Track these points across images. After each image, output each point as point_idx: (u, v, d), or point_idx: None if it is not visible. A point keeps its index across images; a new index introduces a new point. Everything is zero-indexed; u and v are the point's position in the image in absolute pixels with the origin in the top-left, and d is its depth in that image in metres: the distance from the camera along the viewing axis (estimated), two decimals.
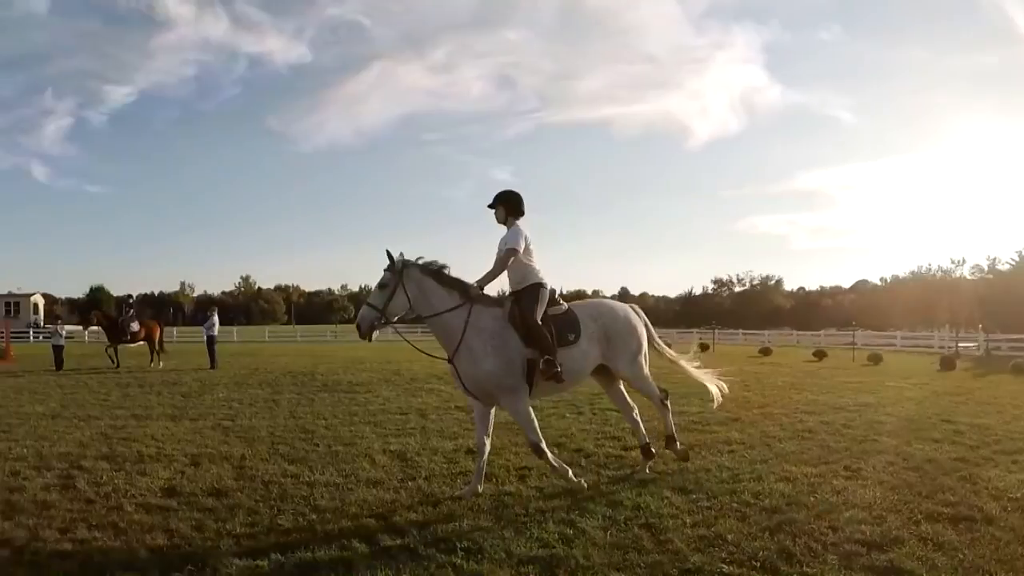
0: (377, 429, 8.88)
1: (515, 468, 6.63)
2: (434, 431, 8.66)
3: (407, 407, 10.95)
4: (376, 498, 5.63)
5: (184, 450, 7.64)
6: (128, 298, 22.61)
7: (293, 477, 6.37)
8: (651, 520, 4.91)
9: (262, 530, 4.84)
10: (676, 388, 13.79)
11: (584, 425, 9.19)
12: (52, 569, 4.11)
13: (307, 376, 17.07)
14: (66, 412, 10.77)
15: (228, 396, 12.86)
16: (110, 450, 7.66)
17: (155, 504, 5.49)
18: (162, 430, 8.98)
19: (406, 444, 7.84)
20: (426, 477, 6.36)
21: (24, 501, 5.60)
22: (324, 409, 10.80)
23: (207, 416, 10.19)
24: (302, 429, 8.93)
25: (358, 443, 7.93)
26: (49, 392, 13.76)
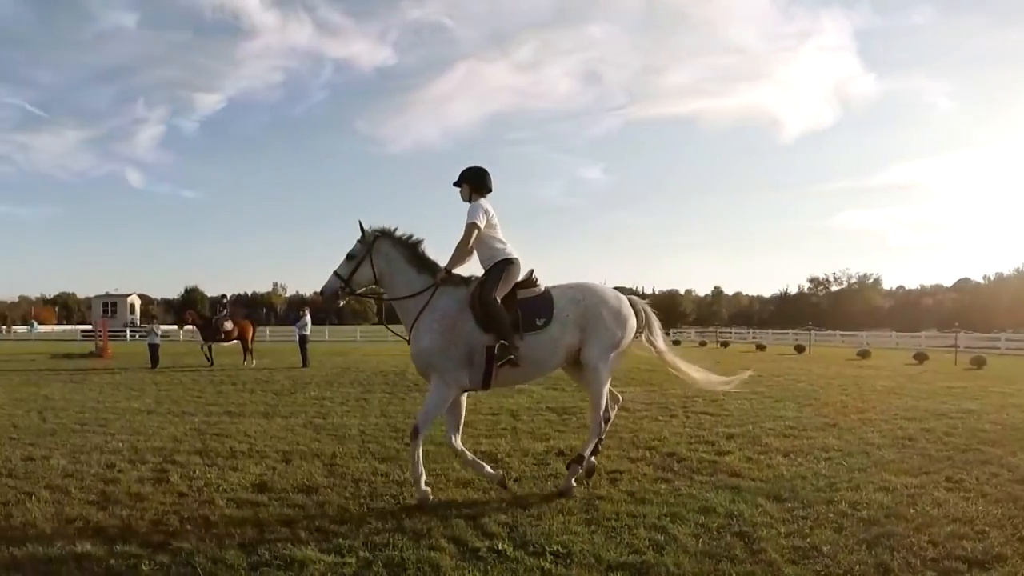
0: (468, 429, 8.94)
1: (606, 471, 6.70)
2: (525, 432, 8.78)
3: (498, 408, 11.13)
4: (465, 498, 5.82)
5: (276, 447, 8.09)
6: (222, 298, 23.83)
7: (383, 476, 6.64)
8: (744, 528, 4.93)
9: (351, 528, 5.07)
10: (772, 391, 13.62)
11: (677, 428, 9.24)
12: (144, 560, 4.46)
13: (398, 375, 17.59)
14: (161, 408, 11.56)
15: (319, 394, 13.50)
16: (203, 445, 8.18)
17: (246, 499, 5.86)
18: (254, 427, 9.53)
19: (496, 445, 8.00)
20: (516, 479, 6.49)
21: (118, 493, 6.09)
22: (415, 408, 10.99)
23: (299, 414, 10.70)
24: (393, 428, 9.25)
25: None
26: (144, 389, 14.80)
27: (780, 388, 14.67)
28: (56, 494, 6.05)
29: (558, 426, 9.36)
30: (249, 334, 22.53)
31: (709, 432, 8.85)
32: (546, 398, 12.34)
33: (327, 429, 9.29)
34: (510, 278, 5.78)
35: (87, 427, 9.57)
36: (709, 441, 8.26)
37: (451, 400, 5.83)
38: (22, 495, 6.00)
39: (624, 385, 14.43)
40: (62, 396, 13.53)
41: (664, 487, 6.12)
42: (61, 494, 6.05)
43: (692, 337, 60.65)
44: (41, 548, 4.64)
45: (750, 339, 54.21)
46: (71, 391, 14.51)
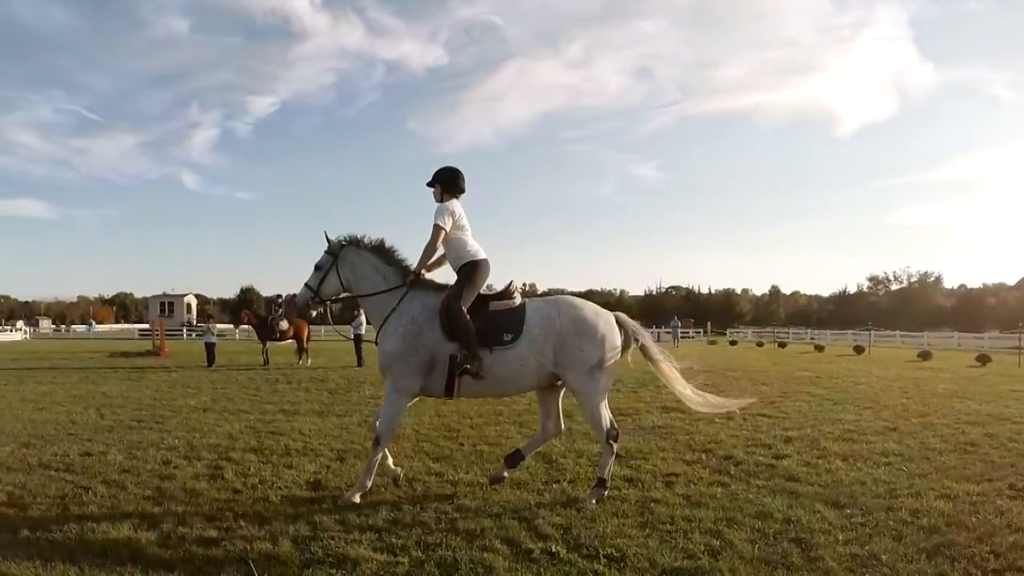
0: (523, 430, 9.07)
1: (662, 474, 6.68)
2: (580, 433, 8.69)
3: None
4: (519, 499, 5.80)
5: (330, 445, 8.19)
6: (277, 298, 24.27)
7: (437, 475, 6.67)
8: (801, 535, 4.86)
9: (404, 527, 5.10)
10: (831, 394, 13.31)
11: (734, 431, 9.13)
12: (197, 554, 4.55)
13: None
14: (216, 406, 11.81)
15: (374, 393, 13.61)
16: (258, 443, 8.33)
17: (300, 496, 5.95)
18: (309, 425, 9.66)
19: (551, 446, 7.91)
20: (570, 480, 6.48)
21: (174, 488, 6.23)
22: (470, 408, 11.13)
23: (353, 412, 10.83)
24: (447, 428, 9.29)
25: (503, 443, 8.16)
26: (201, 387, 15.16)
27: (839, 390, 14.46)
28: (112, 489, 6.23)
29: None
30: (304, 333, 22.87)
31: (766, 435, 8.76)
32: None
33: None
34: (477, 280, 5.78)
35: (144, 424, 9.83)
36: (766, 444, 8.17)
37: (405, 406, 5.97)
38: (79, 489, 6.19)
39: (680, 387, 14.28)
40: (119, 393, 13.95)
41: (720, 491, 6.05)
42: (117, 489, 6.23)
43: (749, 337, 59.77)
44: (97, 542, 4.77)
45: (808, 340, 53.40)
46: (128, 389, 14.95)
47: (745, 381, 15.88)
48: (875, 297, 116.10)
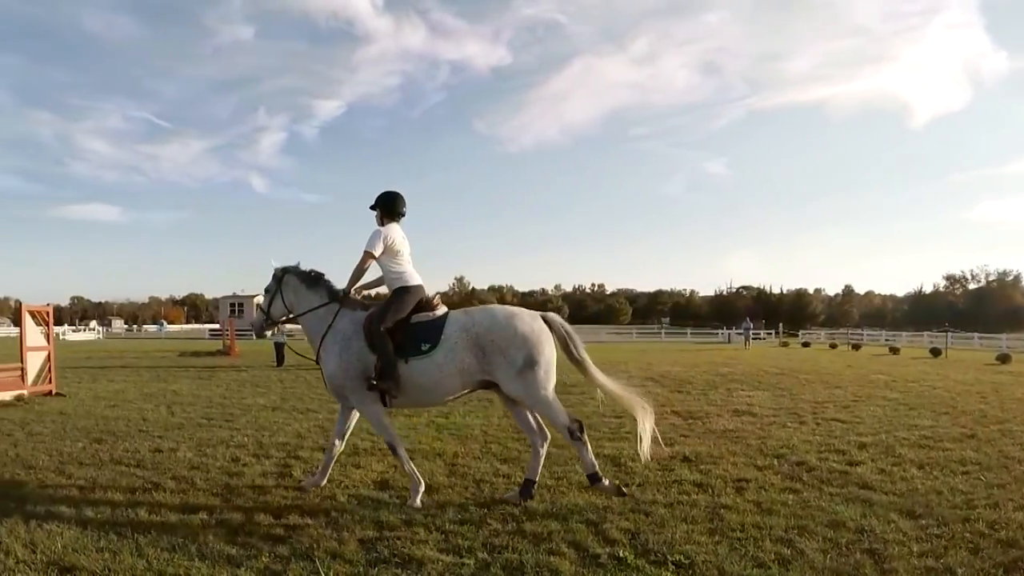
0: (591, 432, 8.91)
1: (732, 480, 6.57)
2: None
3: (621, 410, 10.86)
4: (587, 503, 5.78)
5: None
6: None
7: (505, 477, 6.70)
8: (875, 545, 4.76)
9: (470, 528, 5.13)
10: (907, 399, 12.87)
11: (807, 436, 8.97)
12: (264, 551, 4.65)
13: None
14: (285, 405, 12.07)
15: None
16: (326, 442, 8.41)
17: (367, 496, 6.04)
18: None
19: (620, 449, 7.93)
20: (639, 484, 6.45)
21: (242, 486, 6.41)
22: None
23: (421, 413, 10.90)
24: (515, 429, 9.25)
25: (569, 447, 8.04)
26: (270, 386, 15.51)
27: (915, 395, 14.04)
28: (182, 485, 6.44)
29: (683, 430, 9.26)
30: None
31: (840, 440, 8.59)
32: (672, 401, 12.28)
33: (449, 429, 9.46)
34: (402, 306, 6.07)
35: (213, 422, 10.11)
36: (840, 450, 8.00)
37: (383, 411, 6.13)
38: (149, 485, 6.41)
39: (752, 389, 14.17)
40: (190, 392, 14.41)
41: (792, 498, 5.93)
42: (187, 485, 6.43)
43: (822, 339, 58.24)
44: (165, 536, 4.92)
45: (883, 341, 51.67)
46: (198, 387, 15.41)
47: (818, 384, 15.48)
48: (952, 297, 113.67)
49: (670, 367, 20.34)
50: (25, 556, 4.60)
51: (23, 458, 7.66)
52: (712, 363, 22.89)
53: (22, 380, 13.39)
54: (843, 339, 50.61)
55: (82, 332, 67.83)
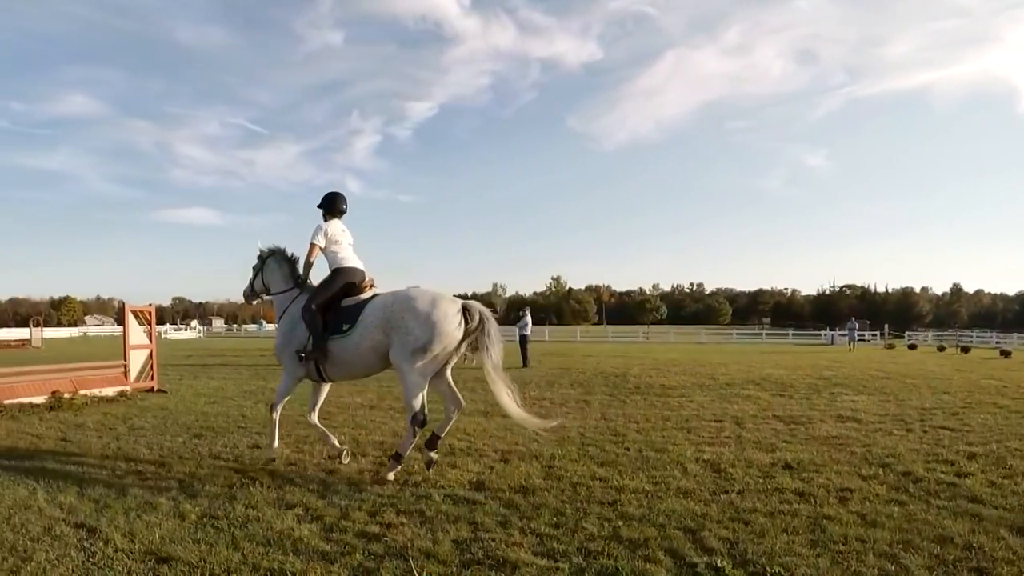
0: (690, 436, 8.94)
1: (835, 489, 6.35)
2: (750, 441, 8.51)
3: (722, 414, 10.99)
4: (685, 509, 5.69)
5: (494, 446, 8.34)
6: None
7: (601, 480, 6.64)
8: (983, 564, 4.56)
9: (566, 532, 5.12)
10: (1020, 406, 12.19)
11: (913, 444, 8.60)
12: (358, 549, 4.76)
13: (619, 377, 17.75)
14: (382, 404, 12.30)
15: (539, 395, 13.83)
16: (422, 441, 8.50)
17: (463, 496, 6.10)
18: (474, 425, 9.87)
19: (719, 454, 7.78)
20: (739, 491, 6.29)
21: (338, 483, 6.57)
22: (636, 412, 11.12)
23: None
24: (612, 432, 9.24)
25: (670, 450, 8.06)
26: (367, 384, 15.78)
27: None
28: (278, 481, 6.65)
29: (785, 436, 9.00)
30: None
31: (948, 450, 8.21)
32: (773, 405, 12.00)
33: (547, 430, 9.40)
34: (332, 285, 7.10)
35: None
36: (948, 460, 7.65)
37: (293, 387, 7.44)
38: (247, 480, 6.65)
39: (856, 394, 13.78)
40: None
41: (897, 510, 5.70)
42: (283, 481, 6.64)
43: (929, 341, 55.60)
44: (260, 531, 5.11)
45: (993, 344, 49.29)
46: (297, 386, 15.76)
47: (925, 389, 14.78)
48: None
49: (772, 370, 19.82)
50: (124, 545, 4.85)
51: (125, 451, 8.09)
52: (815, 366, 22.25)
53: (125, 377, 14.14)
54: (951, 341, 48.52)
55: (183, 331, 71.07)
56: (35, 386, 12.37)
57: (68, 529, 5.24)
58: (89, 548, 4.83)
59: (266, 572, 4.36)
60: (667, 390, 14.46)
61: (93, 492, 6.27)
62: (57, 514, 5.62)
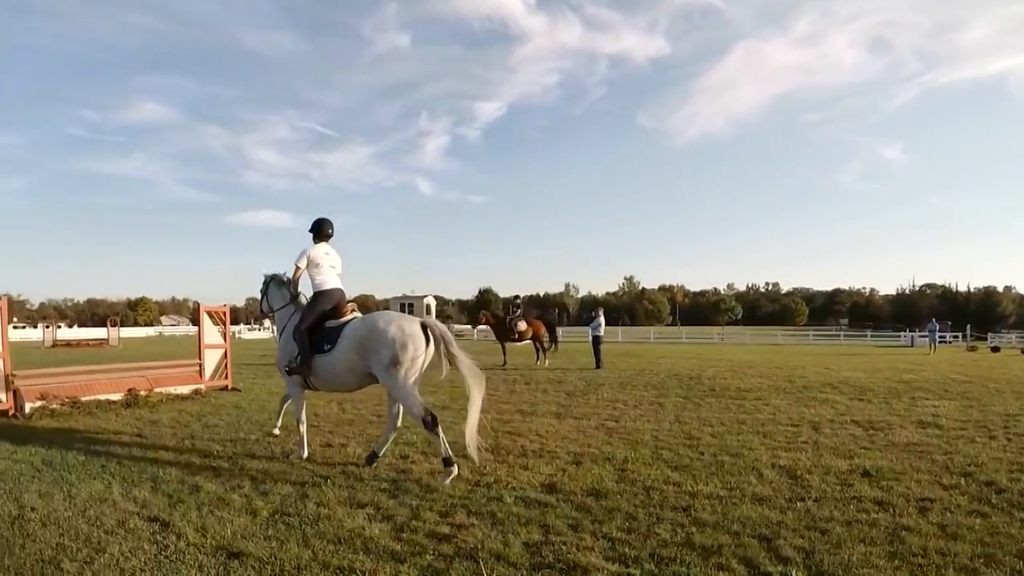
0: (766, 441, 8.79)
1: (915, 498, 6.16)
2: (827, 447, 8.33)
3: (798, 418, 10.78)
4: (760, 516, 5.59)
5: (567, 448, 8.33)
6: (515, 298, 25.03)
7: (675, 485, 6.58)
8: None
9: (638, 537, 5.08)
10: None
11: (997, 453, 8.28)
12: (428, 549, 4.81)
13: (693, 379, 17.60)
14: (454, 404, 12.38)
15: (612, 396, 13.75)
16: (495, 442, 8.67)
17: (534, 499, 6.10)
18: (546, 427, 9.90)
19: (796, 460, 7.63)
20: (816, 499, 6.15)
21: (409, 483, 6.67)
22: (711, 415, 11.02)
23: (591, 416, 10.93)
24: (687, 435, 9.15)
25: (745, 455, 7.94)
26: (439, 384, 15.88)
27: None
28: (350, 479, 6.78)
29: (864, 442, 8.76)
30: (542, 334, 23.46)
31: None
32: (851, 409, 11.71)
33: (619, 433, 9.40)
34: (315, 307, 7.89)
35: (383, 419, 10.38)
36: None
37: (301, 395, 8.07)
38: (319, 478, 6.79)
39: (938, 399, 13.42)
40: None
41: (979, 522, 5.49)
42: (355, 480, 6.77)
43: (1013, 343, 53.32)
44: (331, 529, 5.21)
45: None
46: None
47: (1009, 395, 14.18)
48: None
49: (850, 373, 19.32)
50: (196, 540, 5.01)
51: (199, 448, 8.38)
52: (894, 369, 21.64)
53: (200, 375, 14.59)
54: None
55: (257, 331, 72.66)
56: (112, 384, 12.88)
57: (141, 523, 5.44)
58: (161, 542, 5.00)
59: (336, 570, 4.44)
60: (742, 393, 14.26)
61: (167, 487, 6.51)
62: (131, 508, 5.85)
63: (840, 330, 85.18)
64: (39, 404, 11.28)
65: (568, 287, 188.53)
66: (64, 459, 7.76)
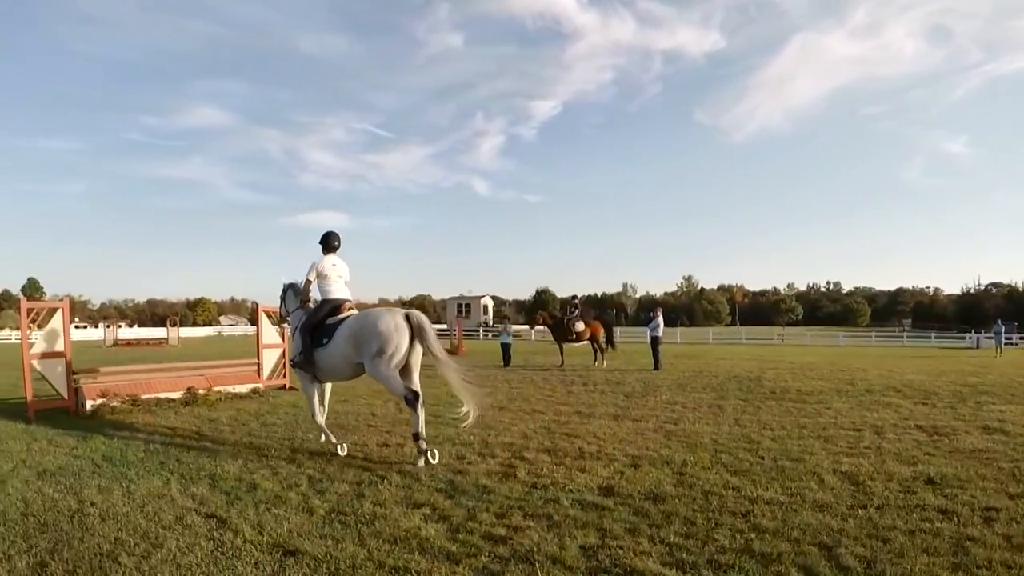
0: (827, 445, 8.61)
1: (981, 508, 5.96)
2: (890, 453, 8.14)
3: (861, 422, 10.54)
4: (821, 524, 5.48)
5: (624, 450, 8.29)
6: (572, 299, 24.98)
7: (734, 490, 6.49)
8: None
9: (696, 543, 5.02)
10: None
11: None
12: (484, 550, 4.83)
13: (753, 381, 17.32)
14: (512, 405, 12.45)
15: (671, 398, 13.62)
16: (552, 444, 8.66)
17: (591, 501, 6.08)
18: (604, 428, 9.87)
19: (858, 465, 7.46)
20: (878, 506, 5.99)
21: (466, 484, 6.69)
22: (771, 418, 10.86)
23: (649, 418, 10.86)
24: (747, 439, 9.03)
25: (806, 459, 7.79)
26: (497, 386, 16.06)
27: None
28: (407, 479, 6.84)
29: (927, 448, 8.53)
30: (600, 335, 23.38)
31: None
32: (915, 414, 11.41)
33: (678, 435, 9.32)
34: (319, 313, 8.76)
35: (440, 419, 10.59)
36: None
37: (312, 390, 8.97)
38: (376, 478, 6.88)
39: (1005, 403, 13.06)
40: None
41: None
42: (411, 480, 6.83)
43: None
44: (387, 529, 5.26)
45: None
46: (426, 385, 15.84)
47: None
48: None
49: (913, 375, 18.82)
50: (252, 537, 5.12)
51: (256, 446, 8.55)
52: (959, 371, 21.09)
53: (258, 374, 14.84)
54: None
55: None
56: (171, 382, 13.19)
57: (199, 519, 5.57)
58: (218, 538, 5.11)
59: (391, 570, 4.48)
60: (803, 396, 14.02)
61: (225, 484, 6.66)
62: (189, 504, 6.00)
63: (903, 331, 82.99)
64: (99, 402, 11.62)
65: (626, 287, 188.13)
66: (124, 455, 8.02)
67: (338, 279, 9.05)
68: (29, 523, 5.52)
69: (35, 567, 4.62)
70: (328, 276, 8.98)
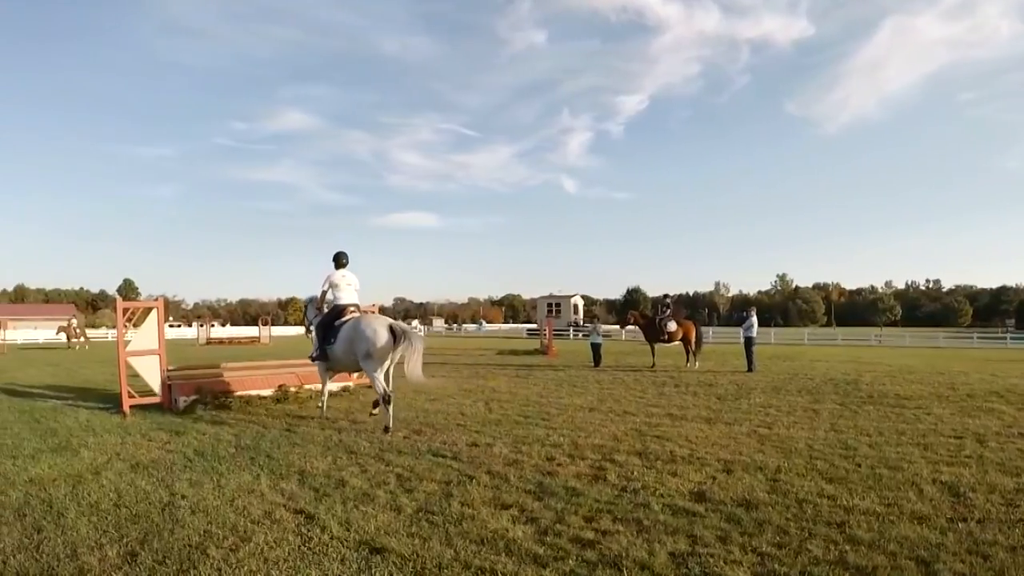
0: (927, 453, 8.29)
1: None
2: (993, 462, 7.79)
3: (962, 429, 10.12)
4: (918, 537, 5.28)
5: (717, 455, 8.17)
6: (664, 298, 24.73)
7: (829, 498, 6.32)
8: None
9: (789, 553, 4.91)
10: None
11: None
12: (572, 554, 4.83)
13: (850, 384, 16.81)
14: (602, 406, 12.41)
15: (765, 402, 13.35)
16: (643, 447, 8.60)
17: (682, 507, 6.02)
18: (696, 432, 9.75)
19: (959, 475, 7.17)
20: (979, 520, 5.73)
21: (555, 486, 6.69)
22: (868, 424, 10.55)
23: (742, 421, 10.68)
24: (843, 444, 8.79)
25: (904, 468, 7.53)
26: (587, 386, 16.04)
27: None
28: (496, 480, 6.89)
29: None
30: (693, 335, 23.11)
31: None
32: (1020, 421, 10.90)
33: (772, 440, 9.14)
34: (329, 316, 10.97)
35: (530, 419, 10.67)
36: None
37: (325, 375, 11.54)
38: (464, 477, 6.95)
39: None
40: (507, 389, 15.36)
41: None
42: (500, 480, 6.87)
43: None
44: (475, 529, 5.31)
45: None
46: (516, 385, 16.32)
47: None
48: None
49: (1018, 380, 17.88)
50: (339, 533, 5.25)
51: (346, 443, 8.73)
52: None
53: (348, 373, 15.07)
54: None
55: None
56: (263, 380, 13.61)
57: (287, 514, 5.74)
58: (306, 534, 5.25)
59: (477, 571, 4.53)
60: (902, 400, 13.57)
61: (313, 481, 6.83)
62: (278, 499, 6.18)
63: (1007, 332, 79.29)
64: (193, 398, 12.04)
65: (718, 285, 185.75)
66: (215, 450, 8.31)
67: (347, 287, 11.15)
68: (121, 514, 5.78)
69: (126, 556, 4.83)
70: (339, 286, 11.08)
